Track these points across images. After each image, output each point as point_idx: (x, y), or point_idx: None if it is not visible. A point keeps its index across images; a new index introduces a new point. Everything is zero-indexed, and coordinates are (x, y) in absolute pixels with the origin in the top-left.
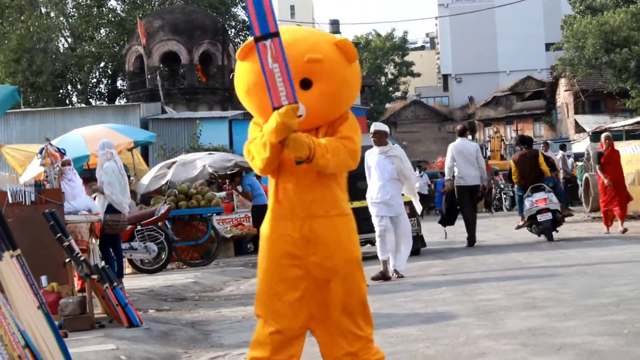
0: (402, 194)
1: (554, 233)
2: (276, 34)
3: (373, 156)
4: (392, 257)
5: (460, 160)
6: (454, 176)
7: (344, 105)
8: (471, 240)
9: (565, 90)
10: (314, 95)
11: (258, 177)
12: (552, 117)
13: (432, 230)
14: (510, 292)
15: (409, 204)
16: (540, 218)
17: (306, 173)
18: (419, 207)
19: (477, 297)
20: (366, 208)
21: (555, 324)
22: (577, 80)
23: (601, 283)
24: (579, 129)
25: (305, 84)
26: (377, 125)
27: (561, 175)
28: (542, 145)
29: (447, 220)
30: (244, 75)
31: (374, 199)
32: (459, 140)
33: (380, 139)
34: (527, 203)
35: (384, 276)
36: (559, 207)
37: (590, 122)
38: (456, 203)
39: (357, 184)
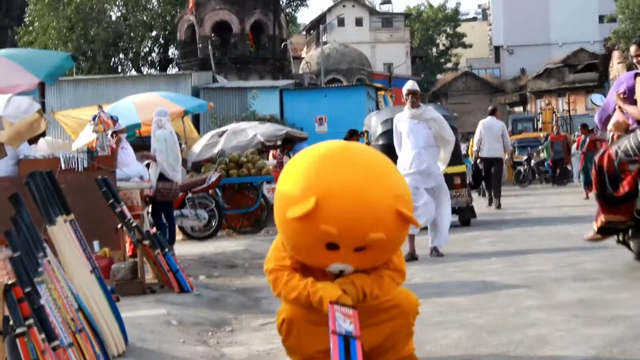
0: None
1: None
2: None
3: (404, 122)
4: (432, 233)
5: (487, 135)
6: (480, 149)
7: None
8: (497, 204)
9: (619, 63)
10: (365, 258)
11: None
12: (604, 89)
13: (482, 201)
14: (560, 263)
15: (460, 175)
16: None
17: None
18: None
19: (527, 268)
20: None
21: (606, 296)
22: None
23: None
24: None
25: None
26: (413, 84)
27: None
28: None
29: (473, 185)
30: (297, 231)
31: (407, 169)
32: (488, 118)
33: (417, 100)
34: None
35: (412, 257)
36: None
37: None
38: (480, 171)
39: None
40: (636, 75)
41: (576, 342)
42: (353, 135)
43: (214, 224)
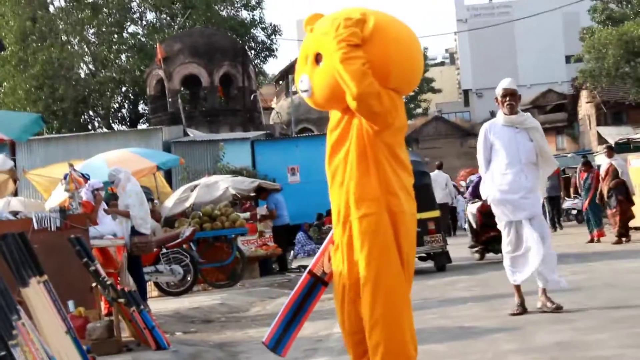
0: None
1: None
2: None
3: (499, 130)
4: (539, 276)
5: (435, 186)
6: None
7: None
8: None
9: (587, 102)
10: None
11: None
12: (573, 129)
13: (457, 245)
14: (536, 306)
15: (433, 220)
16: None
17: None
18: (542, 196)
19: (504, 311)
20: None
21: (584, 337)
22: (598, 92)
23: (629, 295)
24: (602, 140)
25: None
26: (511, 82)
27: None
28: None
29: None
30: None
31: (503, 194)
32: (436, 171)
33: (516, 103)
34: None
35: (524, 308)
36: None
37: (612, 133)
38: None
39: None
40: None
41: None
42: None
43: (189, 278)
